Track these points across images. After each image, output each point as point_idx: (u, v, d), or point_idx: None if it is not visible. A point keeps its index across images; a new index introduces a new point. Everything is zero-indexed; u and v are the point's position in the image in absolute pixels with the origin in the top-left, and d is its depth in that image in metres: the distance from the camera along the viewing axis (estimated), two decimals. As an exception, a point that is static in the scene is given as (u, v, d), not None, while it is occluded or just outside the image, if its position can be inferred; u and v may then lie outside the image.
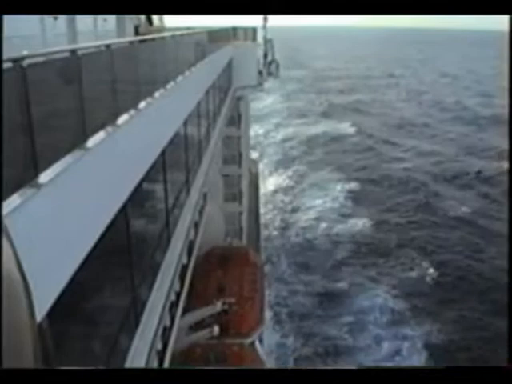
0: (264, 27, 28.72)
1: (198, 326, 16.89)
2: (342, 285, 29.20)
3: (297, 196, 43.86)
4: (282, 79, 55.22)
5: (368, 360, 23.24)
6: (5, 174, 3.44)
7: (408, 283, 29.49)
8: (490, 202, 41.45)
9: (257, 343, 18.49)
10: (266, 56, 29.08)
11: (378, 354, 23.87)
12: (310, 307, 27.31)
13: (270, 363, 19.24)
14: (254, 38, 28.13)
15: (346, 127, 66.54)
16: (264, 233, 33.81)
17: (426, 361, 22.80)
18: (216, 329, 16.49)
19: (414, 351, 23.71)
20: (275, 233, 36.34)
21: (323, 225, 37.40)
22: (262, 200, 37.81)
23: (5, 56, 3.55)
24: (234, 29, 26.45)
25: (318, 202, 41.94)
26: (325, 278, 30.03)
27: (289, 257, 32.73)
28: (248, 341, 17.72)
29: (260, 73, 27.25)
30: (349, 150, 57.23)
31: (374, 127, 67.43)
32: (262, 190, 39.50)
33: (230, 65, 23.79)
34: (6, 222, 0.76)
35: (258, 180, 38.33)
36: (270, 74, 29.12)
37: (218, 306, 17.61)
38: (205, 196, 14.89)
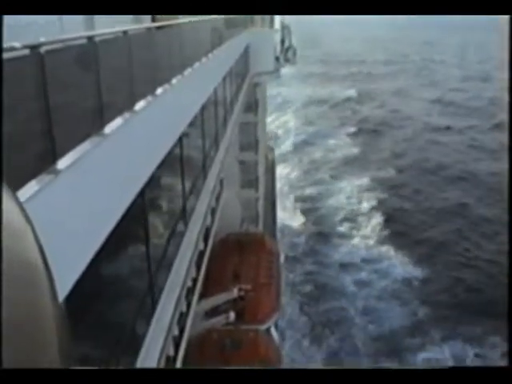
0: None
1: (214, 311, 16.97)
2: (325, 175, 46.55)
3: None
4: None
5: (336, 212, 38.62)
6: (23, 161, 3.46)
7: (377, 180, 43.75)
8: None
9: (272, 329, 18.55)
10: (283, 42, 28.82)
11: (342, 213, 38.38)
12: (303, 185, 44.12)
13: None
14: (272, 25, 27.88)
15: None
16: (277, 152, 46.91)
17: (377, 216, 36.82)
18: (232, 315, 16.56)
19: (374, 213, 37.31)
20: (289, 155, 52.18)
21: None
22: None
23: (23, 43, 3.55)
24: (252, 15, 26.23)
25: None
26: (311, 174, 46.98)
27: (296, 163, 49.70)
28: (263, 327, 17.77)
29: (277, 59, 27.03)
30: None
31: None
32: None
33: (247, 51, 23.63)
34: (26, 208, 0.74)
35: (275, 166, 38.28)
36: (287, 60, 28.86)
37: (234, 293, 17.66)
38: (221, 182, 14.90)
